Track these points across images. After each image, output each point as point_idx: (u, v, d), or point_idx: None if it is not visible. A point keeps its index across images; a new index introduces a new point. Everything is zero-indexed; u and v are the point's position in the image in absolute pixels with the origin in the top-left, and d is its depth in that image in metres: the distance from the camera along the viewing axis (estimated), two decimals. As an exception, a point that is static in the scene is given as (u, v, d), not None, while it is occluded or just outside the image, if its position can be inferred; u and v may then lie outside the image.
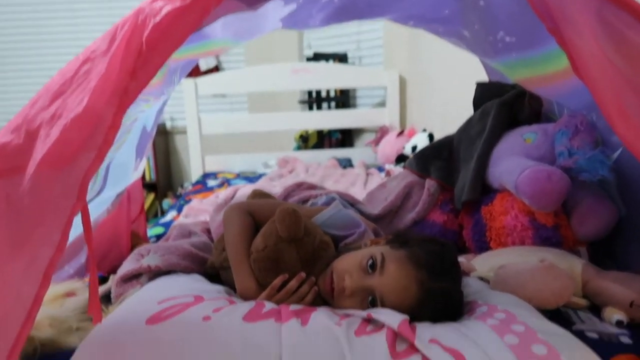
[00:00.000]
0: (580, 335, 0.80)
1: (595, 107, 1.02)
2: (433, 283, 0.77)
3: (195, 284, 0.89)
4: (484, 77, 1.52)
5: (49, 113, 0.45)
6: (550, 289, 0.84)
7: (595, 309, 0.90)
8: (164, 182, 3.84)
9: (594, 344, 0.72)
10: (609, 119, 0.52)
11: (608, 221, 1.02)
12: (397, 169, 2.23)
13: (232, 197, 1.95)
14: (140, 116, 0.96)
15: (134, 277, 0.95)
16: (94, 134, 0.41)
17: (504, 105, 1.26)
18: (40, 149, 0.43)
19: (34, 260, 0.44)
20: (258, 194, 1.20)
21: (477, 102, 1.37)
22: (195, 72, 3.64)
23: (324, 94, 3.50)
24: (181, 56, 0.87)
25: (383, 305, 0.78)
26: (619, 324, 0.83)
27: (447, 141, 1.40)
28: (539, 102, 1.26)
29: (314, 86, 3.21)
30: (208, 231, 1.32)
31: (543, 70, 0.97)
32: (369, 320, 0.73)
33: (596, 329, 0.83)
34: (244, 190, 2.02)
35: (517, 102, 1.25)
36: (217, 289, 0.88)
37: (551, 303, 0.84)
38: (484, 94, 1.36)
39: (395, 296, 0.77)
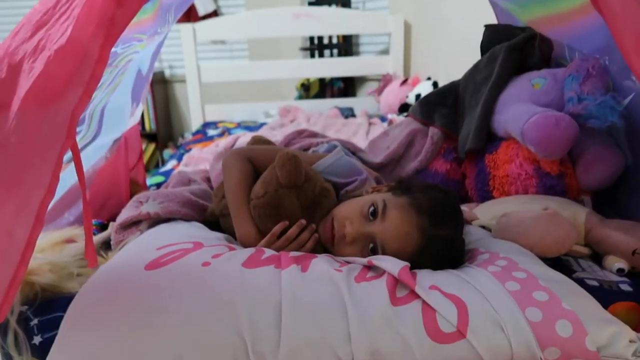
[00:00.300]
0: (581, 282, 0.80)
1: (608, 50, 0.98)
2: (435, 230, 0.77)
3: (194, 230, 0.89)
4: (493, 22, 1.45)
5: (32, 44, 0.42)
6: (553, 237, 0.83)
7: (596, 258, 0.90)
8: (165, 132, 3.80)
9: (594, 292, 0.72)
10: (627, 56, 0.49)
11: (614, 169, 1.00)
12: (400, 119, 2.19)
13: (232, 145, 1.93)
14: (135, 57, 0.92)
15: (133, 224, 0.95)
16: (81, 68, 0.39)
17: (513, 50, 1.21)
18: (24, 84, 0.41)
19: (24, 203, 0.42)
20: (258, 140, 1.17)
21: (485, 46, 1.32)
22: (194, 17, 3.53)
23: (326, 41, 3.40)
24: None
25: (384, 252, 0.78)
26: (620, 271, 0.84)
27: (453, 87, 1.36)
28: (550, 46, 1.20)
29: (316, 32, 3.11)
30: (208, 180, 1.31)
31: (557, 8, 0.92)
32: (369, 267, 0.73)
33: (597, 276, 0.83)
34: (244, 138, 1.99)
35: (527, 46, 1.20)
36: (216, 236, 0.87)
37: (553, 251, 0.84)
38: (492, 37, 1.31)
39: (397, 243, 0.77)
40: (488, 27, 1.36)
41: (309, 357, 0.60)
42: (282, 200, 0.83)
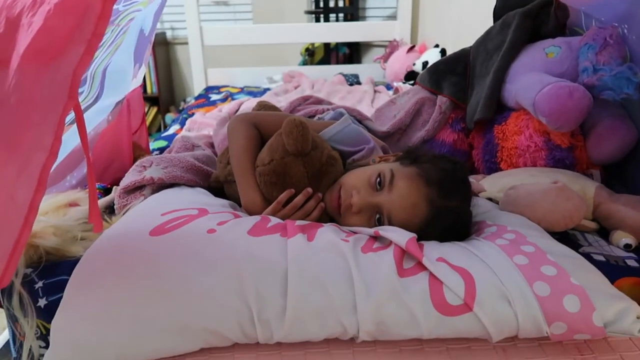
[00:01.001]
0: (587, 257, 0.79)
1: (628, 18, 0.94)
2: (443, 201, 0.75)
3: (199, 196, 0.88)
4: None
5: (30, -3, 0.40)
6: (561, 211, 0.82)
7: (603, 233, 0.89)
8: (166, 95, 3.76)
9: (601, 266, 0.72)
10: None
11: (626, 143, 0.98)
12: (406, 87, 2.15)
13: (236, 111, 1.90)
14: (137, 16, 0.89)
15: (136, 189, 0.94)
16: (82, 24, 0.37)
17: (527, 16, 1.17)
18: (23, 40, 0.39)
19: (26, 165, 0.41)
20: (264, 106, 1.15)
21: (498, 12, 1.28)
22: (196, -24, 3.42)
23: (332, 4, 3.31)
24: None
25: (390, 223, 0.77)
26: (627, 247, 0.83)
27: (463, 55, 1.32)
28: (566, 13, 1.16)
29: (322, -5, 3.02)
30: (211, 145, 1.29)
31: (578, -27, 0.87)
32: (375, 238, 0.72)
33: (603, 251, 0.83)
34: (249, 103, 1.96)
35: (542, 13, 1.16)
36: (221, 202, 0.86)
37: (561, 225, 0.83)
38: (505, 3, 1.26)
39: (404, 213, 0.76)
40: (502, -8, 1.31)
41: (315, 326, 0.60)
42: (289, 168, 0.82)
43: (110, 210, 0.97)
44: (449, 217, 0.76)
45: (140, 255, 0.65)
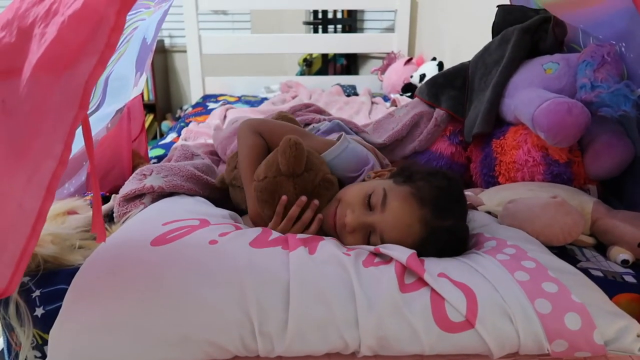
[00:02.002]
0: (585, 272, 0.80)
1: (626, 37, 0.96)
2: (438, 221, 0.75)
3: (199, 206, 0.88)
4: (506, 2, 1.42)
5: (43, 8, 0.40)
6: (560, 225, 0.83)
7: (601, 248, 0.90)
8: (163, 103, 3.75)
9: (598, 282, 0.72)
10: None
11: (623, 160, 0.99)
12: (403, 99, 2.17)
13: (224, 117, 1.92)
14: (141, 25, 0.89)
15: (136, 197, 0.94)
16: (95, 35, 0.37)
17: (526, 32, 1.18)
18: (35, 50, 0.39)
19: (35, 173, 0.41)
20: (282, 117, 1.15)
21: (497, 28, 1.29)
22: (195, -15, 3.44)
23: (330, 15, 3.34)
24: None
25: (383, 242, 0.76)
26: (624, 263, 0.83)
27: (462, 69, 1.34)
28: (564, 30, 1.18)
29: (320, 5, 3.05)
30: (211, 153, 1.29)
31: (577, -9, 0.89)
32: (376, 254, 0.72)
33: (601, 267, 0.83)
34: (235, 112, 1.98)
35: (540, 29, 1.18)
36: (222, 213, 0.86)
37: (560, 239, 0.83)
38: (505, 18, 1.28)
39: (397, 234, 0.75)
40: (501, 8, 1.32)
41: (316, 340, 0.60)
42: (279, 187, 0.82)
43: (109, 218, 0.96)
44: (444, 237, 0.76)
45: (141, 266, 0.64)
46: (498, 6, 1.32)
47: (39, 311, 0.67)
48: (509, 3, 1.42)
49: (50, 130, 0.39)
